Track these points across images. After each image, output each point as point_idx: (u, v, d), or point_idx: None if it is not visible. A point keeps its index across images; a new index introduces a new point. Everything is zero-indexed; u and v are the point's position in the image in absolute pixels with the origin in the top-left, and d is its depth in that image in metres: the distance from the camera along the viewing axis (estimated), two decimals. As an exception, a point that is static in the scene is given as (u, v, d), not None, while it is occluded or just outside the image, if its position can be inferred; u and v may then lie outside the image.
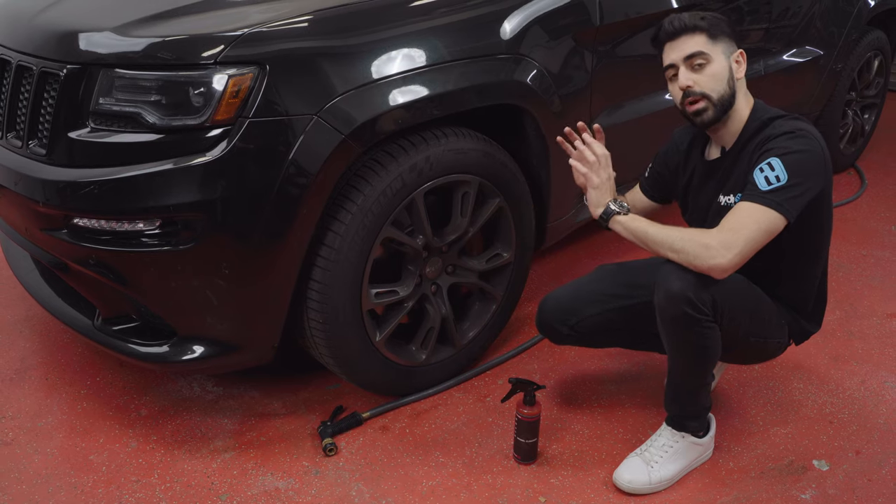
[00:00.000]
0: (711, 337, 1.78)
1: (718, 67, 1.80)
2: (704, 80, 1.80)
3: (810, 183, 1.71)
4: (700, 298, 1.72)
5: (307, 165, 1.77)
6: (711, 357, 1.83)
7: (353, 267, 1.93)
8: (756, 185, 1.71)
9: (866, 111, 4.16)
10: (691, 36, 1.80)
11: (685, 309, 1.72)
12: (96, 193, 1.76)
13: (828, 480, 1.98)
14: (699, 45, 1.79)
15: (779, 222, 1.69)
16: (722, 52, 1.81)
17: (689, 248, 1.71)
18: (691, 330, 1.75)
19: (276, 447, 2.07)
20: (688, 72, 1.81)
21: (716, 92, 1.80)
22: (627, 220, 1.84)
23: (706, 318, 1.74)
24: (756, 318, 1.86)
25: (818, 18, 3.40)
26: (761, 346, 1.93)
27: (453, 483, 1.96)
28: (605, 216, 1.88)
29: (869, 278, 2.99)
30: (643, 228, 1.80)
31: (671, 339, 1.82)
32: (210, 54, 1.72)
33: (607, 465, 2.01)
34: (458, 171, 2.06)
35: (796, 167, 1.70)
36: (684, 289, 1.72)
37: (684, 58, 1.81)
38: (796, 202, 1.70)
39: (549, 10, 2.22)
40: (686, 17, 1.81)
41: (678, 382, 1.91)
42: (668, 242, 1.74)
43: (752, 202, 1.70)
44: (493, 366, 2.41)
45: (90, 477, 1.96)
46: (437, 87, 1.95)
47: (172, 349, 1.94)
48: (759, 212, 1.69)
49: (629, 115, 2.58)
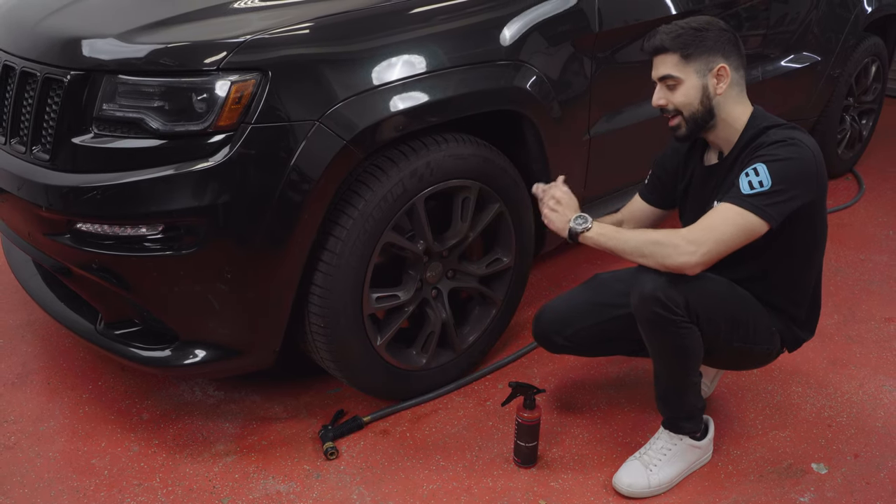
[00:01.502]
0: (688, 337, 1.78)
1: (689, 88, 1.81)
2: (677, 100, 1.83)
3: (796, 191, 1.72)
4: (670, 298, 1.73)
5: (309, 171, 1.78)
6: (692, 357, 1.83)
7: (355, 271, 1.94)
8: (738, 188, 1.72)
9: (864, 117, 4.17)
10: (664, 56, 1.82)
11: (656, 309, 1.74)
12: (99, 198, 1.77)
13: (826, 484, 1.99)
14: (669, 66, 1.81)
15: (757, 225, 1.70)
16: (695, 71, 1.80)
17: (657, 249, 1.73)
18: (667, 330, 1.77)
19: (278, 451, 2.08)
20: (662, 90, 1.85)
21: (687, 110, 1.83)
22: (593, 235, 1.83)
23: (680, 318, 1.75)
24: (738, 323, 1.86)
25: (816, 24, 3.41)
26: (747, 352, 1.92)
27: (454, 486, 1.97)
28: (571, 235, 1.87)
29: (867, 283, 3.01)
30: (612, 237, 1.81)
31: (650, 342, 1.84)
32: (213, 61, 1.73)
33: (607, 468, 2.01)
34: (459, 177, 2.07)
35: (781, 174, 1.71)
36: (654, 289, 1.74)
37: (658, 77, 1.85)
38: (779, 208, 1.70)
39: (549, 16, 2.23)
40: (660, 37, 1.82)
41: (664, 384, 1.92)
42: (637, 248, 1.76)
43: (731, 203, 1.72)
44: (494, 370, 2.42)
45: (92, 481, 1.97)
46: (438, 93, 1.96)
47: (174, 353, 1.94)
48: (735, 213, 1.71)
49: (628, 121, 2.59)
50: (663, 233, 1.76)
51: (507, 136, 2.28)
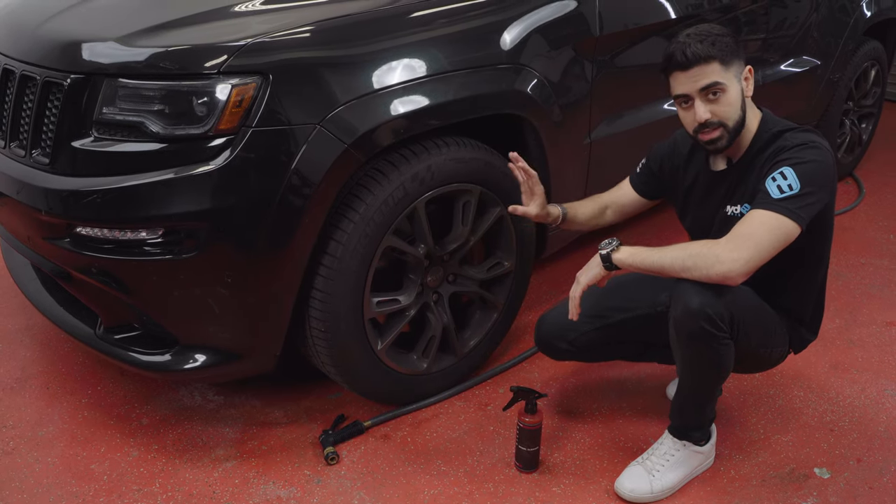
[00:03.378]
0: (726, 353, 1.77)
1: (733, 94, 1.75)
2: (722, 110, 1.75)
3: (822, 193, 1.71)
4: (719, 314, 1.71)
5: (310, 174, 1.78)
6: (724, 373, 1.83)
7: (355, 276, 1.94)
8: (768, 193, 1.69)
9: (863, 121, 4.18)
10: (706, 65, 1.71)
11: (703, 325, 1.71)
12: (99, 202, 1.76)
13: (829, 488, 1.98)
14: (714, 74, 1.72)
15: (792, 230, 1.68)
16: (734, 76, 1.75)
17: (699, 262, 1.69)
18: (709, 345, 1.74)
19: (278, 456, 2.07)
20: (704, 104, 1.74)
21: (731, 119, 1.76)
22: (626, 258, 1.79)
23: (723, 335, 1.74)
24: (766, 330, 1.86)
25: (815, 29, 3.42)
26: (766, 356, 1.93)
27: (455, 492, 1.96)
28: (604, 260, 1.82)
29: (868, 287, 3.00)
30: (648, 259, 1.77)
31: (685, 354, 1.81)
32: (213, 64, 1.73)
33: (609, 473, 2.00)
34: (460, 181, 2.07)
35: (809, 176, 1.69)
36: (703, 305, 1.70)
37: (699, 89, 1.73)
38: (808, 210, 1.69)
39: (550, 20, 2.23)
40: (699, 45, 1.71)
41: (687, 396, 1.91)
42: (679, 263, 1.71)
43: (764, 209, 1.69)
44: (495, 374, 2.41)
45: (91, 486, 1.96)
46: (439, 96, 1.95)
47: (174, 358, 1.94)
48: (772, 219, 1.68)
49: (629, 125, 2.58)
50: (700, 244, 1.73)
51: (509, 140, 2.28)
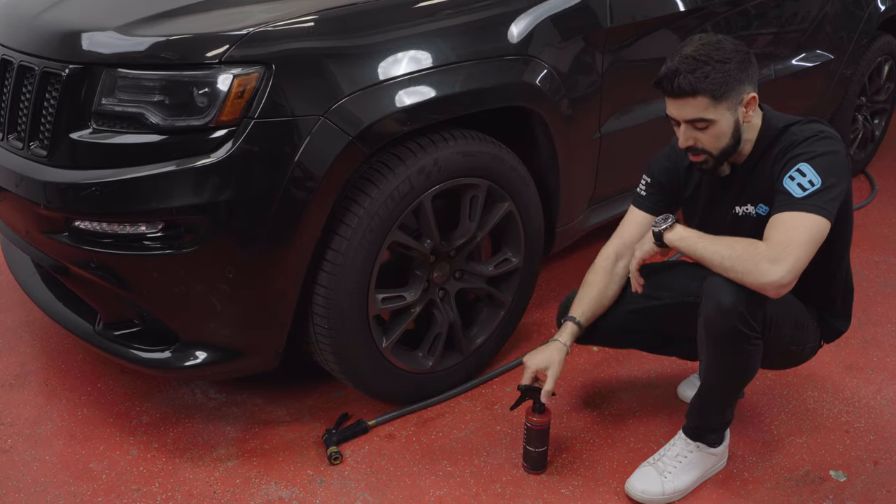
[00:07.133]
0: (755, 354, 1.74)
1: (723, 126, 1.70)
2: (706, 140, 1.72)
3: (842, 184, 1.67)
4: (753, 314, 1.67)
5: (313, 167, 1.75)
6: (750, 374, 1.80)
7: (360, 271, 1.90)
8: (790, 193, 1.64)
9: (876, 116, 4.13)
10: (693, 99, 1.67)
11: (736, 324, 1.67)
12: (98, 195, 1.74)
13: (846, 491, 1.94)
14: (700, 110, 1.67)
15: (824, 226, 1.63)
16: (727, 108, 1.68)
17: (738, 266, 1.63)
18: (739, 346, 1.70)
19: (280, 455, 2.04)
20: (689, 130, 1.72)
21: (716, 149, 1.73)
22: (676, 240, 1.75)
23: (755, 335, 1.70)
24: (799, 326, 1.83)
25: (828, 23, 3.37)
26: (799, 353, 1.90)
27: (461, 493, 1.92)
28: (658, 240, 1.79)
29: (882, 285, 2.96)
30: (693, 246, 1.72)
31: (713, 353, 1.76)
32: (214, 54, 1.70)
33: (619, 474, 1.97)
34: (467, 175, 2.04)
35: (827, 169, 1.65)
36: (737, 304, 1.65)
37: (685, 119, 1.71)
38: (834, 203, 1.65)
39: (559, 11, 2.19)
40: (689, 77, 1.64)
41: (709, 396, 1.87)
42: (718, 260, 1.67)
43: (793, 211, 1.63)
44: (502, 373, 2.38)
45: (90, 485, 1.93)
46: (446, 88, 1.92)
47: (175, 355, 1.92)
48: (804, 219, 1.62)
49: (639, 119, 2.55)
50: (744, 245, 1.65)
51: (517, 133, 2.24)
